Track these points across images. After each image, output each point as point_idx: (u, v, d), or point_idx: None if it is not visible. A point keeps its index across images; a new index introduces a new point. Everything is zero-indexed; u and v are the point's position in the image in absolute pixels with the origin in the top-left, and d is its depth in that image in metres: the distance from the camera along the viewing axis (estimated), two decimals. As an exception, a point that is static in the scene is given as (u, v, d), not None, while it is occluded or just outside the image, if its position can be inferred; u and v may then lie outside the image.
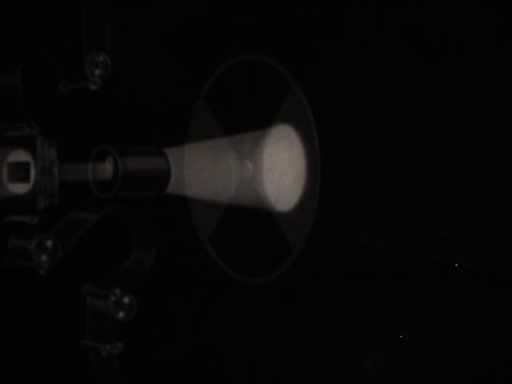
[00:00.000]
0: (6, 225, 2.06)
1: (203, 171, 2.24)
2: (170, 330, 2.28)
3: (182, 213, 2.32)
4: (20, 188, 2.00)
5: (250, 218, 2.20)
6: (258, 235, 2.19)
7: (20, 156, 1.99)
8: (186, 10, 2.20)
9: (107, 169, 2.05)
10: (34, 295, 2.23)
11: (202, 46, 2.23)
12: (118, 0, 2.05)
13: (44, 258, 1.97)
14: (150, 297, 2.13)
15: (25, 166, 1.98)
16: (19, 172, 1.99)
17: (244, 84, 2.20)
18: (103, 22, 1.98)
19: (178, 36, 2.25)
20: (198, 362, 2.25)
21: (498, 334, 1.75)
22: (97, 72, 1.99)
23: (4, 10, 2.12)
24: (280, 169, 2.14)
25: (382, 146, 2.06)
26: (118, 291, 2.01)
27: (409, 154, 1.97)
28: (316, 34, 2.06)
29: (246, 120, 2.19)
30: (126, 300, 2.00)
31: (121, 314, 2.00)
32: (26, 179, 1.98)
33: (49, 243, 1.97)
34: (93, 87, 2.00)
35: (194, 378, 2.25)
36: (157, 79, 2.27)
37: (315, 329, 2.10)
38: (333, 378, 2.05)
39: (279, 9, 2.09)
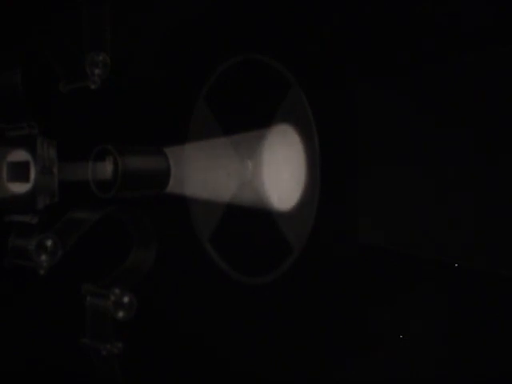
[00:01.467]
0: (6, 224, 2.06)
1: (203, 171, 2.24)
2: (170, 329, 2.28)
3: (181, 213, 2.32)
4: (20, 187, 2.00)
5: (250, 218, 2.20)
6: (258, 235, 2.19)
7: (20, 156, 2.00)
8: (186, 9, 2.20)
9: (107, 168, 2.05)
10: (34, 295, 2.23)
11: (202, 45, 2.23)
12: (118, -1, 2.05)
13: (44, 257, 1.97)
14: (150, 296, 2.13)
15: (24, 166, 1.99)
16: (19, 171, 1.99)
17: (244, 84, 2.20)
18: (103, 21, 1.98)
19: (178, 36, 2.25)
20: (198, 362, 2.25)
21: (498, 334, 1.75)
22: (97, 71, 1.99)
23: (4, 10, 2.12)
24: (280, 169, 2.14)
25: (383, 146, 2.06)
26: (117, 291, 2.01)
27: (410, 154, 1.97)
28: (316, 33, 2.06)
29: (245, 120, 2.19)
30: (126, 299, 2.00)
31: (121, 314, 2.00)
32: (26, 179, 1.98)
33: (48, 243, 1.97)
34: (93, 87, 2.00)
35: (193, 378, 2.25)
36: (157, 79, 2.27)
37: (315, 329, 2.10)
38: (333, 378, 2.05)
39: (279, 8, 2.09)
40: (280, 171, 2.14)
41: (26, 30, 2.07)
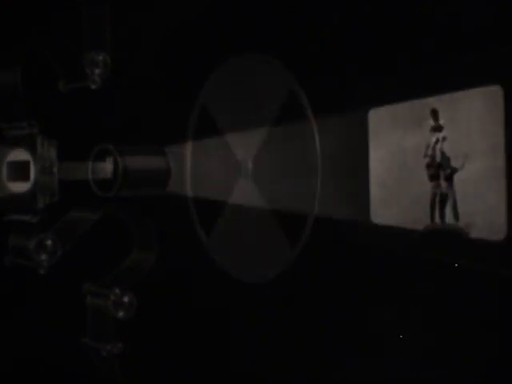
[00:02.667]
0: (6, 224, 2.06)
1: (203, 170, 2.24)
2: (170, 329, 2.28)
3: (182, 212, 2.32)
4: (20, 187, 2.00)
5: (250, 218, 2.19)
6: (258, 235, 2.19)
7: (20, 155, 2.00)
8: (186, 9, 2.20)
9: (107, 168, 2.05)
10: (34, 295, 2.23)
11: (202, 45, 2.23)
12: (118, -1, 2.06)
13: (43, 256, 1.97)
14: (149, 296, 2.13)
15: (25, 165, 1.99)
16: (19, 171, 2.00)
17: (244, 84, 2.20)
18: (103, 21, 1.99)
19: (178, 35, 2.25)
20: (198, 362, 2.25)
21: (498, 334, 1.75)
22: (97, 71, 1.99)
23: (4, 10, 2.13)
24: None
25: (383, 146, 2.05)
26: (118, 290, 2.01)
27: (409, 153, 1.97)
28: (316, 33, 2.06)
29: (246, 120, 2.19)
30: (126, 299, 2.01)
31: (121, 313, 2.00)
32: (26, 178, 1.99)
33: (48, 242, 1.98)
34: (93, 86, 2.01)
35: (193, 378, 2.25)
36: (157, 79, 2.27)
37: (315, 329, 2.09)
38: (333, 378, 2.05)
39: (279, 8, 2.09)
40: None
41: (26, 29, 2.08)
